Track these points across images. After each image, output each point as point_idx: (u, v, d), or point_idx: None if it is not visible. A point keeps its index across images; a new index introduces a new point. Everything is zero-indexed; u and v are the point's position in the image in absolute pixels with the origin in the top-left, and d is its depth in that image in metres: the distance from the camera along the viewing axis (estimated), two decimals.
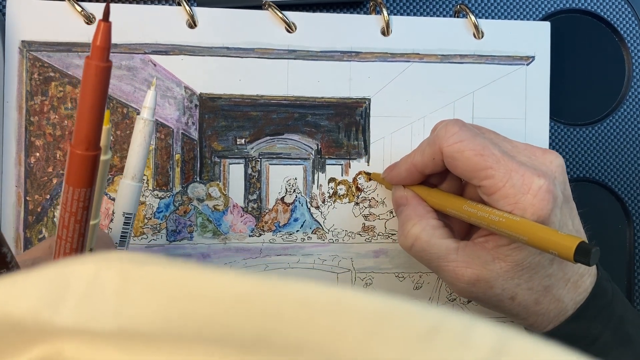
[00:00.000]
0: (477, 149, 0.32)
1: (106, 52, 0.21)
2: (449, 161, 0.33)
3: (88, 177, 0.23)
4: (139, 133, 0.33)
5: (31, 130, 0.37)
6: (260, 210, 0.40)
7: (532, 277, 0.33)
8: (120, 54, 0.38)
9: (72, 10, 0.37)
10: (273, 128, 0.40)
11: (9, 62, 0.37)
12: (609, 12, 0.44)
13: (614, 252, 0.43)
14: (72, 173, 0.22)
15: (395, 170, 0.37)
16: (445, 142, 0.33)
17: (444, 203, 0.35)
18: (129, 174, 0.33)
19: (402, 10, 0.42)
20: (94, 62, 0.21)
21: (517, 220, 0.30)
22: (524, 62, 0.41)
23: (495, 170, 0.31)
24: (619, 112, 0.44)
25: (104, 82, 0.21)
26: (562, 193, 0.33)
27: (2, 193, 0.37)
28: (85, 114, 0.21)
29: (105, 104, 0.22)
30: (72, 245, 0.24)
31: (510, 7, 0.43)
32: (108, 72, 0.21)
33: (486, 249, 0.33)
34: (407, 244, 0.35)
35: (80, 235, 0.24)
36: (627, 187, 0.44)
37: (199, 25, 0.39)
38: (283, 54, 0.39)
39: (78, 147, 0.22)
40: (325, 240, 0.40)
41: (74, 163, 0.22)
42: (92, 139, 0.22)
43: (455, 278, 0.33)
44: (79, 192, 0.23)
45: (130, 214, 0.34)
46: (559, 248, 0.28)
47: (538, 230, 0.29)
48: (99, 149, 0.22)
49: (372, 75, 0.40)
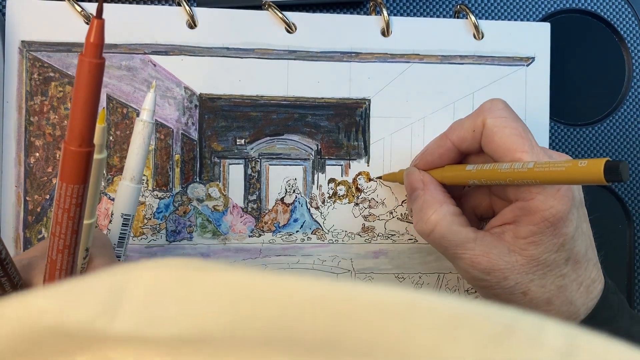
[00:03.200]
0: (518, 129, 0.32)
1: (99, 49, 0.21)
2: (488, 134, 0.33)
3: (81, 174, 0.23)
4: (138, 135, 0.33)
5: (31, 130, 0.37)
6: (260, 210, 0.40)
7: (546, 274, 0.33)
8: (120, 54, 0.38)
9: (72, 10, 0.37)
10: (273, 128, 0.40)
11: (9, 62, 0.37)
12: (609, 12, 0.44)
13: (614, 252, 0.43)
14: (65, 169, 0.23)
15: (427, 150, 0.37)
16: (490, 114, 0.33)
17: (462, 174, 0.34)
18: (127, 175, 0.33)
19: (402, 10, 0.42)
20: (87, 59, 0.21)
21: (543, 163, 0.30)
22: (524, 63, 0.41)
23: (528, 155, 0.31)
24: (619, 112, 0.44)
25: (97, 79, 0.21)
26: (579, 194, 0.33)
27: (1, 193, 0.37)
28: (79, 110, 0.22)
29: (98, 100, 0.22)
30: (66, 242, 0.24)
31: (510, 8, 0.43)
32: (101, 68, 0.22)
33: (503, 240, 0.33)
34: (426, 230, 0.34)
35: (74, 233, 0.24)
36: (627, 187, 0.44)
37: (199, 25, 0.38)
38: (283, 55, 0.39)
39: (71, 144, 0.22)
40: (325, 240, 0.40)
41: (67, 159, 0.22)
42: (86, 136, 0.22)
43: (471, 266, 0.33)
44: (72, 189, 0.23)
45: (129, 215, 0.34)
46: (588, 173, 0.27)
47: (566, 165, 0.29)
48: (92, 145, 0.23)
49: (372, 75, 0.40)
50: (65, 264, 0.24)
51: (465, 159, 0.36)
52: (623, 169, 0.27)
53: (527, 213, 0.32)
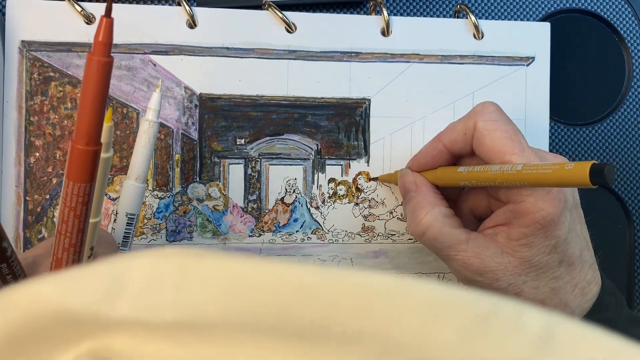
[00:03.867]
0: (509, 132, 0.32)
1: (108, 48, 0.21)
2: (478, 137, 0.33)
3: (88, 172, 0.23)
4: (143, 134, 0.33)
5: (31, 130, 0.37)
6: (260, 210, 0.40)
7: (539, 276, 0.33)
8: (120, 54, 0.38)
9: (72, 10, 0.37)
10: (273, 128, 0.40)
11: (9, 62, 0.37)
12: (609, 12, 0.44)
13: (614, 252, 0.43)
14: (72, 168, 0.23)
15: (420, 153, 0.37)
16: (482, 116, 0.33)
17: (454, 176, 0.35)
18: (132, 174, 0.33)
19: (402, 10, 0.42)
20: (96, 58, 0.21)
21: (531, 166, 0.30)
22: (524, 62, 0.41)
23: (518, 157, 0.31)
24: (619, 112, 0.44)
25: (105, 77, 0.22)
26: (572, 197, 0.33)
27: (2, 193, 0.37)
28: (87, 108, 0.22)
29: (106, 99, 0.22)
30: (72, 240, 0.24)
31: (510, 8, 0.43)
32: (110, 67, 0.22)
33: (496, 242, 0.33)
34: (418, 231, 0.34)
35: (80, 231, 0.24)
36: (627, 187, 0.44)
37: (199, 25, 0.38)
38: (283, 54, 0.39)
39: (79, 142, 0.22)
40: (325, 240, 0.40)
41: (75, 158, 0.22)
42: (93, 134, 0.22)
43: (464, 267, 0.33)
44: (79, 187, 0.23)
45: (133, 214, 0.34)
46: (574, 176, 0.27)
47: (553, 167, 0.29)
48: (99, 144, 0.23)
49: (372, 75, 0.40)
50: (71, 262, 0.25)
51: (459, 161, 0.37)
52: (608, 172, 0.26)
53: (518, 215, 0.32)
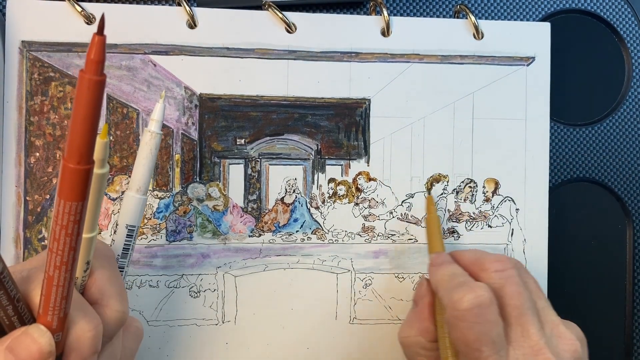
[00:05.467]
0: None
1: (100, 66, 0.21)
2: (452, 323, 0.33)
3: (80, 191, 0.22)
4: (145, 145, 0.33)
5: (31, 130, 0.37)
6: (260, 210, 0.40)
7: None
8: (120, 54, 0.38)
9: (72, 11, 0.37)
10: (273, 128, 0.40)
11: (9, 62, 0.37)
12: (609, 12, 0.44)
13: (614, 252, 0.43)
14: (63, 186, 0.22)
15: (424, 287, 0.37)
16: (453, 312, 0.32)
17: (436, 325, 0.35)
18: (134, 186, 0.33)
19: (402, 10, 0.42)
20: (87, 76, 0.20)
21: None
22: (524, 62, 0.41)
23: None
24: (619, 112, 0.44)
25: (97, 96, 0.21)
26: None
27: (2, 193, 0.37)
28: (78, 127, 0.21)
29: (98, 117, 0.21)
30: (63, 258, 0.23)
31: (510, 8, 0.43)
32: (102, 86, 0.21)
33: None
34: (398, 335, 0.36)
35: (72, 249, 0.23)
36: (627, 187, 0.44)
37: (199, 25, 0.38)
38: (283, 55, 0.39)
39: (70, 161, 0.21)
40: (324, 240, 0.40)
41: (66, 176, 0.22)
42: (85, 153, 0.21)
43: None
44: (70, 206, 0.22)
45: (134, 226, 0.33)
46: None
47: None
48: (91, 162, 0.22)
49: (372, 75, 0.40)
50: (63, 280, 0.24)
51: None
52: None
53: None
